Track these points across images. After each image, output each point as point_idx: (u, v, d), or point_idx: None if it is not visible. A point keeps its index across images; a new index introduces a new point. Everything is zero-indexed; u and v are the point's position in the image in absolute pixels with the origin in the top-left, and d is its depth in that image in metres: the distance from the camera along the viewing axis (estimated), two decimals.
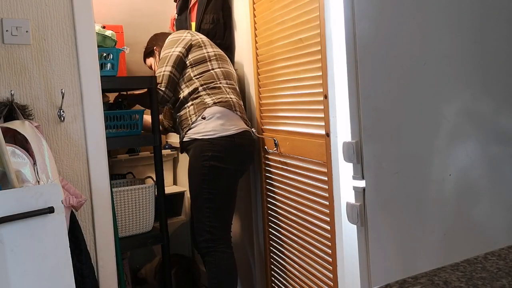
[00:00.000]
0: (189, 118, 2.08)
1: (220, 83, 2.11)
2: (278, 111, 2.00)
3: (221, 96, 2.08)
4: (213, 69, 2.12)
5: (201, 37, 2.19)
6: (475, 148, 1.23)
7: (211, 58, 2.14)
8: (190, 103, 2.10)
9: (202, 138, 2.02)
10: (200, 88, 2.09)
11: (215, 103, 2.05)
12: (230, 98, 2.09)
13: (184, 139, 2.11)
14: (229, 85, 2.14)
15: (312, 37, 1.66)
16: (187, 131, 2.08)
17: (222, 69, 2.14)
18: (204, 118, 2.03)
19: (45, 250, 1.27)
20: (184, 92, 2.12)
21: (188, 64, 2.13)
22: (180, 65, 2.13)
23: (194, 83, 2.11)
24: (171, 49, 2.13)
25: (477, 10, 1.22)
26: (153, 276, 2.58)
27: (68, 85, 1.68)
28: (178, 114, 2.17)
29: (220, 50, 2.22)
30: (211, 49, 2.16)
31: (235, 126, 2.04)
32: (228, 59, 2.24)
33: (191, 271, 2.63)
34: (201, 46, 2.15)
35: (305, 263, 1.86)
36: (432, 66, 1.19)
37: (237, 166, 2.07)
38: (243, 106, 2.17)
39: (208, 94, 2.08)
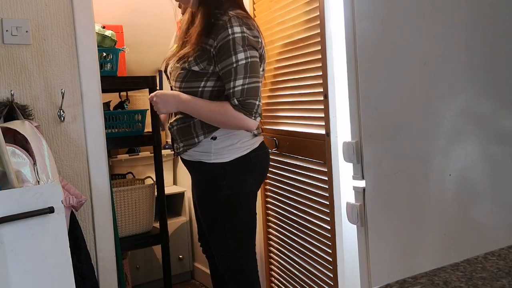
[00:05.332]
0: (194, 135, 1.65)
1: None
2: (278, 111, 1.99)
3: None
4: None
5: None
6: (475, 148, 1.23)
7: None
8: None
9: (214, 163, 1.63)
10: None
11: None
12: None
13: (184, 157, 1.72)
14: None
15: (312, 37, 1.66)
16: (187, 149, 1.67)
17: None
18: (214, 139, 1.63)
19: (45, 250, 1.27)
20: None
21: None
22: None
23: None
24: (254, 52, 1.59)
25: (477, 10, 1.22)
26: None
27: (68, 85, 1.68)
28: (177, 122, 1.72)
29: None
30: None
31: (252, 143, 1.68)
32: None
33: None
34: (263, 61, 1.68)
35: (305, 263, 1.85)
36: (432, 66, 1.18)
37: (258, 185, 1.77)
38: None
39: None
